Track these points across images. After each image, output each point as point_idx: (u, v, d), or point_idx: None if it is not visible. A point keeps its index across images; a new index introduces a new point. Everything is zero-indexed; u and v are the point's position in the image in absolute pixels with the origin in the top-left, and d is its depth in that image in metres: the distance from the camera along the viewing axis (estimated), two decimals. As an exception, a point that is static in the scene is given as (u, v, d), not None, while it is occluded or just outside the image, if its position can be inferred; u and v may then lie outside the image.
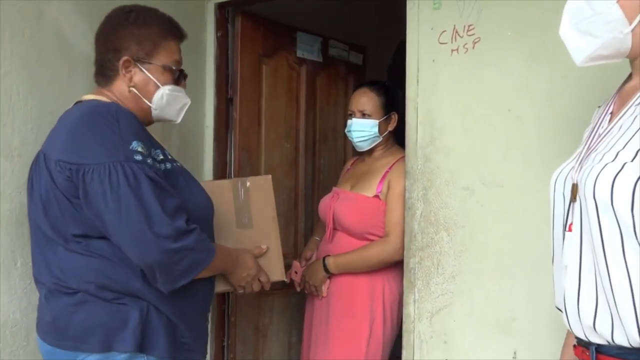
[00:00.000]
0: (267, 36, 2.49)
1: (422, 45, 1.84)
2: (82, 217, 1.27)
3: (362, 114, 2.09)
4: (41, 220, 1.32)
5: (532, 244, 1.66)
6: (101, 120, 1.25)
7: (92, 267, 1.29)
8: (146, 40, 1.38)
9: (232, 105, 2.43)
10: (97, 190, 1.22)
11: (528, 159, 1.68)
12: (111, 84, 1.40)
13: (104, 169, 1.21)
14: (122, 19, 1.39)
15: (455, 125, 1.80)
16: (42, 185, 1.30)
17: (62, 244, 1.30)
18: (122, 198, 1.21)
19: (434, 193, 1.84)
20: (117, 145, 1.24)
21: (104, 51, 1.40)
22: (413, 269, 1.88)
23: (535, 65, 1.66)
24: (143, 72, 1.38)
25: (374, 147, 2.13)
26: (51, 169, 1.27)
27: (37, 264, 1.38)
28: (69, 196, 1.27)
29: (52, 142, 1.32)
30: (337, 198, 2.12)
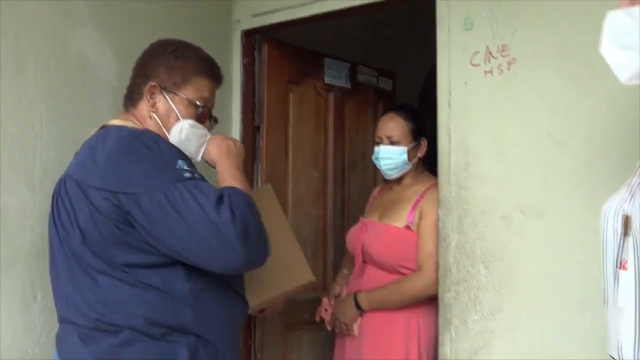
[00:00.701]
0: (294, 63, 2.46)
1: (453, 67, 1.76)
2: (130, 244, 1.20)
3: (389, 140, 2.01)
4: (80, 249, 1.23)
5: (578, 280, 1.53)
6: (141, 145, 1.22)
7: (141, 298, 1.20)
8: (177, 71, 1.37)
9: (259, 133, 2.38)
10: (159, 215, 1.16)
11: (571, 186, 1.56)
12: (135, 107, 1.39)
13: (160, 194, 1.16)
14: (161, 48, 1.40)
15: (490, 150, 1.70)
16: (81, 213, 1.22)
17: (106, 274, 1.21)
18: (187, 218, 1.15)
19: (469, 223, 1.73)
20: (164, 168, 1.20)
21: (135, 76, 1.41)
22: (449, 305, 1.76)
23: (576, 85, 1.56)
24: (167, 101, 1.36)
25: (403, 174, 2.04)
26: (91, 197, 1.21)
27: (65, 300, 1.27)
28: (115, 223, 1.20)
29: (85, 168, 1.25)
30: (365, 230, 2.02)
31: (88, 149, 1.29)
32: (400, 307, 1.90)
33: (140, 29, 1.92)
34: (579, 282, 1.52)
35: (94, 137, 1.33)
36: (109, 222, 1.20)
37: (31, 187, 1.61)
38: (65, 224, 1.26)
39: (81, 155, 1.31)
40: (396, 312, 1.91)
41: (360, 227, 2.06)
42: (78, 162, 1.29)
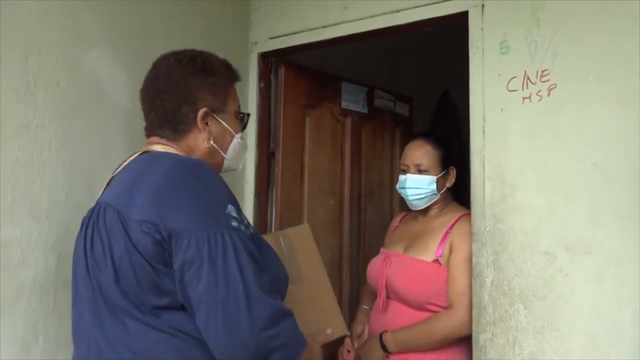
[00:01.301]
0: (310, 87, 2.37)
1: (488, 93, 1.67)
2: (164, 286, 1.08)
3: (417, 169, 1.89)
4: (110, 287, 1.10)
5: (631, 324, 1.40)
6: (194, 178, 1.10)
7: (174, 347, 1.07)
8: (218, 88, 1.26)
9: (274, 159, 2.28)
10: (193, 259, 1.04)
11: (620, 220, 1.45)
12: (182, 138, 1.23)
13: (203, 237, 1.04)
14: (189, 66, 1.24)
15: (529, 181, 1.59)
16: (116, 246, 1.10)
17: (135, 317, 1.09)
18: (220, 271, 1.03)
19: (506, 258, 1.61)
20: (214, 209, 1.08)
21: (174, 103, 1.22)
22: (484, 347, 1.63)
23: (623, 112, 1.46)
24: (219, 122, 1.26)
25: (431, 205, 1.92)
26: (131, 229, 1.08)
27: (87, 342, 1.14)
28: (152, 261, 1.08)
29: (127, 197, 1.12)
30: (389, 262, 1.89)
31: (132, 177, 1.16)
32: (429, 349, 1.76)
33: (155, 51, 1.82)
34: (632, 325, 1.40)
35: (135, 164, 1.20)
36: (144, 262, 1.08)
37: (37, 218, 1.49)
38: (98, 258, 1.13)
39: (121, 183, 1.17)
40: (425, 353, 1.77)
41: (384, 259, 1.93)
42: (119, 190, 1.16)
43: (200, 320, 1.05)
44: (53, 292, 1.50)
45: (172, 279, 1.08)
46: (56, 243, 1.51)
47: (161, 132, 1.24)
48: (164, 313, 1.09)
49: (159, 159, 1.17)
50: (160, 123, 1.24)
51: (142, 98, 1.29)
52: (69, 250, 1.53)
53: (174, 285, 1.07)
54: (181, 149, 1.23)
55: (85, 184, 1.59)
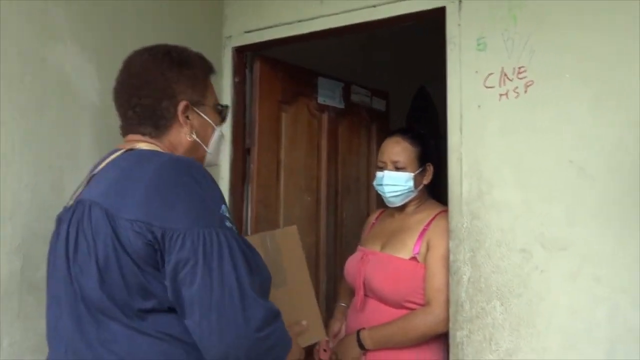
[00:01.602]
0: (286, 82, 2.33)
1: (465, 90, 1.66)
2: (151, 289, 1.05)
3: (395, 165, 1.87)
4: (94, 289, 1.06)
5: (607, 321, 1.42)
6: (188, 177, 1.07)
7: (159, 351, 1.04)
8: (196, 81, 1.23)
9: (250, 155, 2.24)
10: (187, 259, 1.01)
11: (597, 217, 1.46)
12: (164, 134, 1.20)
13: (198, 236, 1.02)
14: (165, 61, 1.20)
15: (506, 178, 1.59)
16: (102, 247, 1.05)
17: (120, 321, 1.05)
18: (216, 271, 1.02)
19: (483, 255, 1.61)
20: (209, 208, 1.06)
21: (153, 99, 1.18)
22: (461, 344, 1.63)
23: (601, 109, 1.47)
24: (200, 116, 1.23)
25: (408, 202, 1.91)
26: (120, 229, 1.04)
27: (65, 347, 1.09)
28: (140, 263, 1.04)
29: (117, 196, 1.08)
30: (367, 260, 1.88)
31: (119, 175, 1.11)
32: (407, 346, 1.75)
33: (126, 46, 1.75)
34: (608, 322, 1.41)
35: (121, 161, 1.14)
36: (131, 263, 1.04)
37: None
38: (82, 259, 1.08)
39: (107, 180, 1.12)
40: (402, 351, 1.76)
41: (361, 257, 1.91)
42: (106, 188, 1.10)
43: (192, 321, 1.02)
44: (18, 295, 1.45)
45: (160, 281, 1.05)
46: (21, 245, 1.45)
47: (142, 129, 1.19)
48: (150, 316, 1.06)
49: (149, 157, 1.12)
50: (140, 121, 1.19)
51: (116, 97, 1.24)
52: (34, 251, 1.48)
53: (161, 288, 1.04)
54: (164, 145, 1.20)
55: (51, 184, 1.53)
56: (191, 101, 1.21)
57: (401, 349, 1.76)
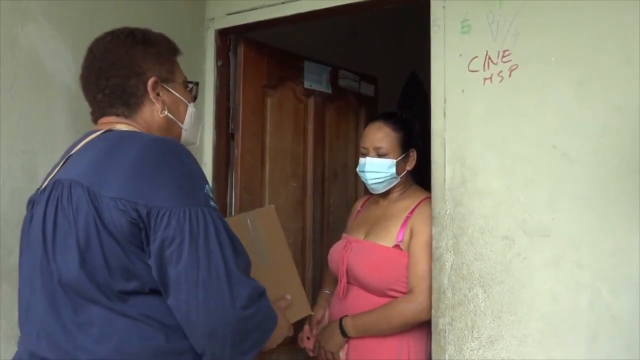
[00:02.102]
0: (271, 65, 2.29)
1: (449, 73, 1.62)
2: (134, 270, 1.03)
3: (377, 152, 1.84)
4: (74, 270, 1.03)
5: (588, 308, 1.40)
6: (171, 157, 1.07)
7: (138, 333, 1.03)
8: (163, 58, 1.22)
9: (234, 141, 2.21)
10: (173, 237, 1.01)
11: (579, 204, 1.44)
12: (137, 113, 1.18)
13: (184, 214, 1.01)
14: (128, 41, 1.19)
15: (490, 164, 1.56)
16: (83, 227, 1.03)
17: (99, 303, 1.03)
18: (202, 249, 1.01)
19: (466, 242, 1.59)
20: (193, 187, 1.06)
21: (121, 78, 1.17)
22: (443, 331, 1.61)
23: (585, 94, 1.44)
24: (170, 92, 1.22)
25: (391, 189, 1.88)
26: (104, 207, 1.02)
27: (37, 332, 1.07)
28: (124, 242, 1.03)
29: (99, 174, 1.05)
30: (350, 248, 1.85)
31: (100, 155, 1.08)
32: (389, 333, 1.74)
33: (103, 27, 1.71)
34: (589, 309, 1.40)
35: (99, 141, 1.12)
36: (114, 243, 1.03)
37: (-29, 205, 1.40)
38: (60, 240, 1.05)
39: (87, 160, 1.09)
40: (385, 338, 1.75)
41: (345, 245, 1.89)
42: (86, 167, 1.08)
43: (178, 298, 1.01)
44: (-7, 283, 1.42)
45: (143, 261, 1.03)
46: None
47: (114, 110, 1.17)
48: (131, 298, 1.04)
49: (130, 137, 1.11)
50: (110, 102, 1.17)
51: (84, 83, 1.21)
52: (7, 238, 1.45)
53: (144, 268, 1.03)
54: (140, 125, 1.18)
55: (24, 167, 1.50)
56: (160, 77, 1.19)
57: (384, 336, 1.75)
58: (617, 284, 1.38)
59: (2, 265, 1.44)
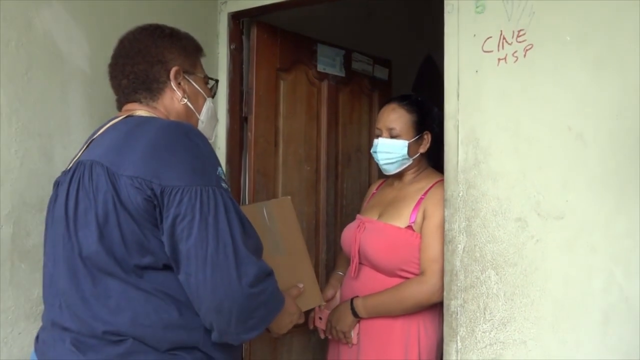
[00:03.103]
0: (285, 49, 2.28)
1: (462, 54, 1.60)
2: (148, 245, 1.09)
3: (390, 133, 1.84)
4: (93, 245, 1.09)
5: (602, 291, 1.39)
6: (187, 139, 1.13)
7: (152, 306, 1.09)
8: (188, 51, 1.30)
9: (247, 124, 2.21)
10: (184, 214, 1.06)
11: (594, 186, 1.42)
12: (158, 98, 1.26)
13: (195, 193, 1.07)
14: (156, 33, 1.28)
15: (503, 145, 1.54)
16: (102, 204, 1.09)
17: (116, 276, 1.09)
18: (211, 226, 1.07)
19: (479, 224, 1.58)
20: (206, 168, 1.12)
21: (146, 65, 1.24)
22: (455, 313, 1.61)
23: (601, 74, 1.41)
24: (191, 84, 1.29)
25: (403, 170, 1.88)
26: (121, 186, 1.08)
27: (59, 302, 1.13)
28: (139, 219, 1.08)
29: (118, 154, 1.11)
30: (363, 228, 1.86)
31: (120, 136, 1.15)
32: (400, 314, 1.75)
33: (117, 10, 1.74)
34: (604, 292, 1.39)
35: (121, 125, 1.19)
36: (130, 220, 1.08)
37: (-11, 187, 1.43)
38: (82, 216, 1.11)
39: (108, 142, 1.16)
40: (396, 319, 1.76)
41: (358, 225, 1.90)
42: (107, 149, 1.14)
43: (188, 273, 1.07)
44: (10, 263, 1.45)
45: (157, 237, 1.09)
46: (11, 212, 1.45)
47: (137, 95, 1.25)
48: (146, 273, 1.09)
49: (149, 121, 1.17)
50: (134, 87, 1.24)
51: (112, 71, 1.29)
52: (25, 219, 1.48)
53: (158, 244, 1.09)
54: (159, 111, 1.24)
55: (41, 150, 1.53)
56: (182, 68, 1.26)
57: (395, 317, 1.76)
58: (631, 267, 1.36)
59: (22, 246, 1.48)
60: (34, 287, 1.49)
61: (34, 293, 1.50)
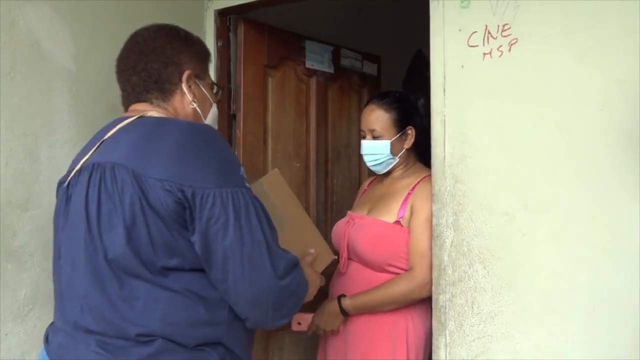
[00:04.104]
0: (272, 45, 2.28)
1: (448, 49, 1.60)
2: (176, 247, 1.11)
3: (372, 134, 1.85)
4: (120, 247, 1.10)
5: (588, 282, 1.40)
6: (210, 141, 1.15)
7: (181, 306, 1.12)
8: (200, 56, 1.32)
9: (235, 122, 2.21)
10: (219, 216, 1.10)
11: (579, 179, 1.43)
12: (169, 100, 1.27)
13: (227, 195, 1.11)
14: (172, 34, 1.29)
15: (490, 140, 1.55)
16: (129, 206, 1.09)
17: (143, 277, 1.10)
18: (245, 227, 1.12)
19: (466, 219, 1.58)
20: (232, 170, 1.16)
21: (160, 64, 1.25)
22: (443, 307, 1.62)
23: (585, 68, 1.42)
24: (200, 89, 1.31)
25: (392, 169, 1.89)
26: (149, 189, 1.09)
27: (80, 304, 1.13)
28: (169, 221, 1.10)
29: (143, 157, 1.12)
30: (352, 224, 1.87)
31: (140, 138, 1.15)
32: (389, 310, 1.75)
33: (101, 8, 1.72)
34: (590, 284, 1.40)
35: (137, 126, 1.18)
36: (159, 222, 1.10)
37: (-26, 187, 1.42)
38: (106, 219, 1.11)
39: (126, 144, 1.15)
40: (383, 314, 1.76)
41: (348, 220, 1.91)
42: (127, 151, 1.14)
43: (225, 272, 1.11)
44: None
45: (185, 238, 1.11)
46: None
47: (149, 95, 1.25)
48: (172, 273, 1.11)
49: (167, 121, 1.19)
50: (146, 86, 1.25)
51: (121, 65, 1.28)
52: (10, 219, 1.47)
53: (186, 245, 1.11)
54: (169, 112, 1.25)
55: (26, 150, 1.52)
56: (194, 72, 1.28)
57: (384, 313, 1.76)
58: (617, 258, 1.37)
59: (8, 247, 1.47)
60: (20, 287, 1.48)
61: (21, 294, 1.49)
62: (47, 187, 1.53)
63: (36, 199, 1.52)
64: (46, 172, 1.54)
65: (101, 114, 1.70)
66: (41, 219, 1.52)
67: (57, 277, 1.20)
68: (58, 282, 1.19)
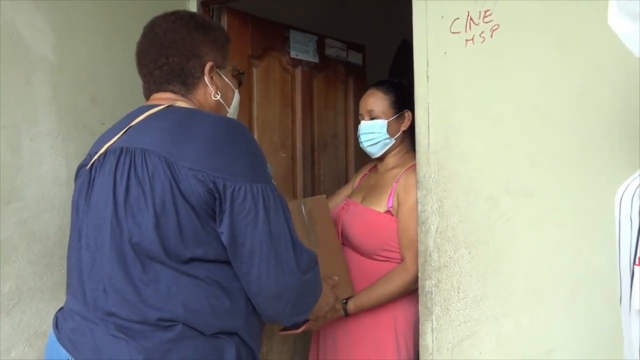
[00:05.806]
0: (257, 35, 2.27)
1: (431, 36, 1.61)
2: (203, 237, 1.12)
3: (370, 115, 1.87)
4: (147, 233, 1.10)
5: (570, 266, 1.42)
6: (242, 135, 1.17)
7: (204, 293, 1.13)
8: (220, 44, 1.31)
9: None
10: (249, 210, 1.11)
11: (561, 163, 1.44)
12: (192, 92, 1.27)
13: (257, 190, 1.13)
14: (190, 24, 1.27)
15: (473, 126, 1.56)
16: (160, 193, 1.10)
17: (167, 264, 1.10)
18: (273, 222, 1.14)
19: (451, 205, 1.60)
20: (261, 165, 1.18)
21: (181, 58, 1.24)
22: (429, 293, 1.63)
23: (566, 53, 1.43)
24: (222, 78, 1.32)
25: (387, 153, 1.90)
26: (182, 177, 1.09)
27: (104, 287, 1.12)
28: (199, 210, 1.11)
29: (175, 145, 1.12)
30: (347, 210, 1.90)
31: (173, 126, 1.15)
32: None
33: None
34: (572, 267, 1.42)
35: (167, 114, 1.18)
36: (189, 210, 1.10)
37: (-45, 180, 1.40)
38: (134, 204, 1.11)
39: (158, 131, 1.15)
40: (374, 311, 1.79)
41: (343, 207, 1.93)
42: (159, 138, 1.14)
43: (251, 265, 1.13)
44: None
45: (212, 228, 1.12)
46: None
47: (171, 87, 1.25)
48: (196, 262, 1.12)
49: (198, 113, 1.19)
50: (168, 79, 1.24)
51: (141, 58, 1.28)
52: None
53: (212, 235, 1.12)
54: (193, 104, 1.26)
55: (7, 142, 1.50)
56: (215, 63, 1.28)
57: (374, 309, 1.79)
58: (598, 241, 1.39)
59: (-9, 239, 1.46)
60: (5, 281, 1.47)
61: (5, 287, 1.48)
62: (29, 179, 1.51)
63: (19, 192, 1.50)
64: (28, 164, 1.52)
65: (83, 105, 1.68)
66: (24, 212, 1.51)
67: (75, 259, 1.18)
68: (77, 263, 1.18)
